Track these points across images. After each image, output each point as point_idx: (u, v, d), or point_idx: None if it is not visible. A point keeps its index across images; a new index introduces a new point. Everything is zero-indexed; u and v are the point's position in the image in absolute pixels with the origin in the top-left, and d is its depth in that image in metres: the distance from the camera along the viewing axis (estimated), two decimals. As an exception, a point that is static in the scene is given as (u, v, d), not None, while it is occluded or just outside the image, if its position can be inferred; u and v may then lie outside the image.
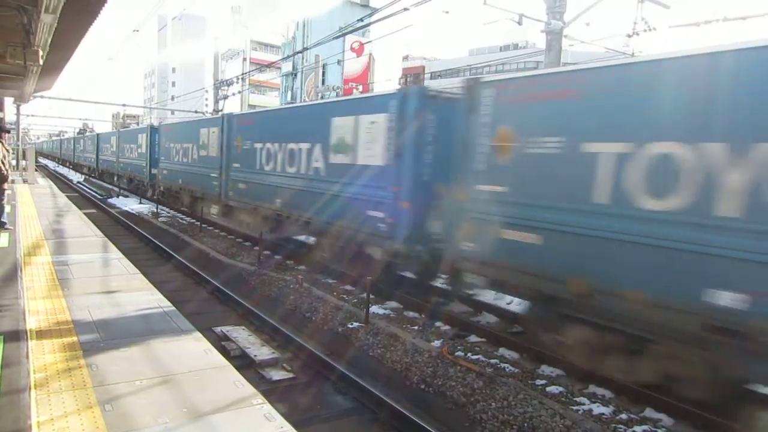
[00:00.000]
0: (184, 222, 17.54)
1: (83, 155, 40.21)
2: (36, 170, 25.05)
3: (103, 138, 32.48)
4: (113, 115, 70.61)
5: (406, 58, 59.41)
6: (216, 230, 15.59)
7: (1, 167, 8.47)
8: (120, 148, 26.74)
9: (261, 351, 6.39)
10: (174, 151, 18.44)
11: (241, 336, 6.89)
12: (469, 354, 6.64)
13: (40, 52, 9.48)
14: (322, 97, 27.44)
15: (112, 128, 52.12)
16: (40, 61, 9.90)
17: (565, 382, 5.94)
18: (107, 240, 9.14)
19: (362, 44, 33.20)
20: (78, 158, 43.20)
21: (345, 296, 9.18)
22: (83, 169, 41.03)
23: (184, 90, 52.93)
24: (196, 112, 30.42)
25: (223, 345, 6.55)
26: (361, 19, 14.30)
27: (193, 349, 4.21)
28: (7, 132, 11.94)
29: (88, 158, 37.54)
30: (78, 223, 10.97)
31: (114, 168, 28.58)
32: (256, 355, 6.24)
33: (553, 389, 5.75)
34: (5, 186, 8.83)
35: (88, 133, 44.29)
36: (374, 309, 8.19)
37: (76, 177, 38.78)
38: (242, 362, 6.03)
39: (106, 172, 31.51)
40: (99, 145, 32.99)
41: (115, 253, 8.00)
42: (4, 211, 8.96)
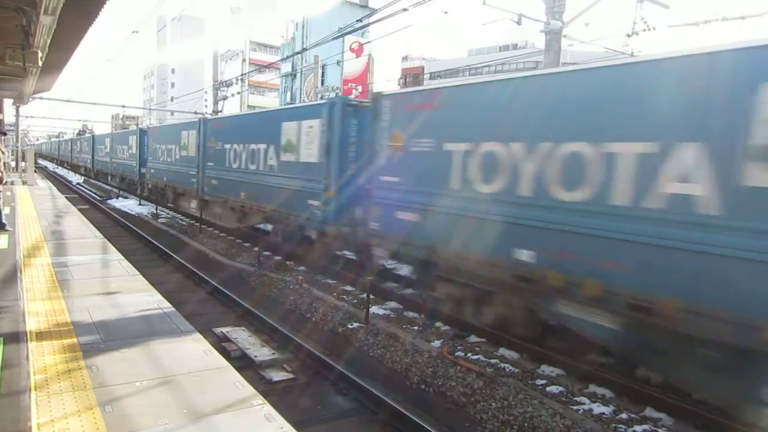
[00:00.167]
0: (183, 223, 17.55)
1: (80, 156, 41.65)
2: (35, 172, 25.03)
3: (98, 140, 33.95)
4: (112, 117, 70.58)
5: (405, 58, 59.47)
6: (215, 231, 15.59)
7: None
8: (113, 149, 28.10)
9: (261, 352, 6.39)
10: (160, 152, 19.75)
11: (241, 337, 6.89)
12: (469, 354, 6.65)
13: (39, 54, 9.49)
14: (321, 97, 27.49)
15: (111, 129, 52.64)
16: (39, 63, 9.91)
17: (565, 382, 5.94)
18: (107, 241, 9.13)
19: (361, 45, 33.26)
20: (75, 159, 44.72)
21: (344, 296, 9.19)
22: (80, 170, 42.26)
23: (183, 91, 52.83)
24: (195, 113, 30.34)
25: (223, 346, 6.55)
26: (360, 20, 14.28)
27: (193, 350, 4.21)
28: (4, 134, 11.93)
29: (84, 159, 39.25)
30: (77, 225, 10.96)
31: (108, 168, 29.87)
32: (256, 356, 6.24)
33: (553, 389, 5.75)
34: (0, 188, 8.80)
35: (85, 135, 45.01)
36: (374, 309, 8.20)
37: (75, 178, 38.83)
38: (242, 363, 6.04)
39: (101, 172, 32.74)
40: (94, 147, 34.38)
41: (115, 255, 8.00)
42: (3, 213, 8.95)
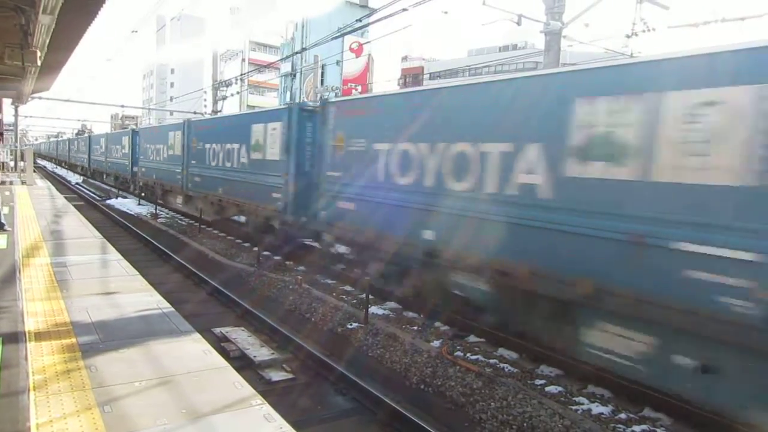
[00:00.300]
0: (182, 223, 17.53)
1: (77, 156, 43.33)
2: (34, 171, 25.02)
3: (94, 140, 35.68)
4: (112, 116, 70.52)
5: (405, 58, 59.42)
6: (215, 231, 15.57)
7: None
8: (108, 149, 29.52)
9: (260, 352, 6.39)
10: (150, 151, 21.16)
11: (241, 337, 6.89)
12: (469, 354, 6.65)
13: (38, 53, 9.48)
14: (321, 97, 27.49)
15: (111, 129, 52.85)
16: (38, 62, 9.90)
17: (564, 382, 5.94)
18: (106, 241, 9.11)
19: (361, 45, 33.26)
20: (72, 159, 46.37)
21: (344, 296, 9.18)
22: (77, 169, 43.59)
23: (182, 91, 52.83)
24: (194, 113, 30.35)
25: (222, 346, 6.55)
26: (360, 20, 14.30)
27: (193, 350, 4.20)
28: (0, 134, 11.95)
29: (81, 158, 40.97)
30: (76, 224, 10.95)
31: (103, 167, 31.46)
32: (255, 356, 6.24)
33: (552, 389, 5.75)
34: None
35: (82, 136, 45.81)
36: (373, 309, 8.20)
37: (74, 178, 38.80)
38: (241, 363, 6.04)
39: (97, 171, 34.31)
40: (91, 147, 35.99)
41: (114, 255, 7.99)
42: (2, 212, 8.93)
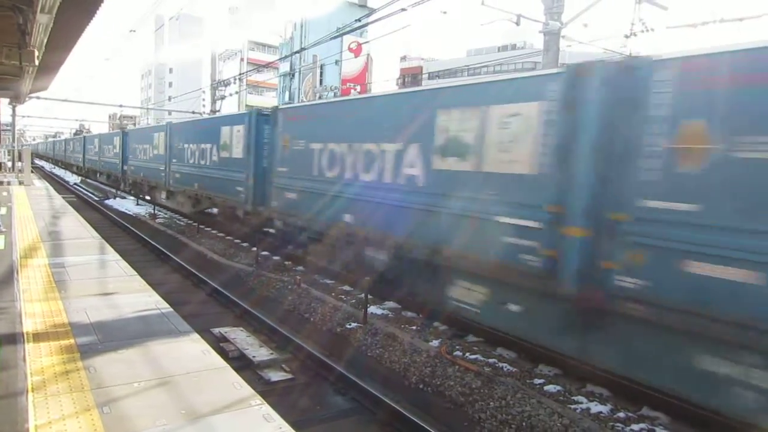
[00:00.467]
0: (181, 223, 17.52)
1: (72, 155, 44.93)
2: (32, 172, 24.96)
3: (89, 140, 37.26)
4: (110, 116, 70.41)
5: (404, 58, 59.36)
6: (214, 231, 15.56)
7: None
8: (101, 149, 31.19)
9: (259, 352, 6.38)
10: (138, 151, 22.75)
11: (240, 337, 6.88)
12: (468, 354, 6.64)
13: (36, 53, 9.46)
14: (319, 97, 27.53)
15: (109, 129, 52.86)
16: (36, 62, 9.88)
17: (563, 381, 5.94)
18: (104, 242, 9.10)
19: (360, 44, 33.24)
20: (68, 158, 48.13)
21: (343, 297, 9.18)
22: (72, 168, 45.30)
23: (181, 90, 52.78)
24: (193, 112, 30.33)
25: (221, 346, 6.54)
26: (359, 20, 14.29)
27: (192, 351, 4.20)
28: None
29: (76, 158, 42.71)
30: (74, 225, 10.93)
31: (97, 166, 33.25)
32: (254, 356, 6.23)
33: (551, 388, 5.75)
34: None
35: (78, 136, 46.42)
36: (372, 309, 8.19)
37: (72, 178, 38.80)
38: (241, 363, 6.03)
39: (91, 169, 35.66)
40: (85, 147, 37.58)
41: (112, 255, 7.97)
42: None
